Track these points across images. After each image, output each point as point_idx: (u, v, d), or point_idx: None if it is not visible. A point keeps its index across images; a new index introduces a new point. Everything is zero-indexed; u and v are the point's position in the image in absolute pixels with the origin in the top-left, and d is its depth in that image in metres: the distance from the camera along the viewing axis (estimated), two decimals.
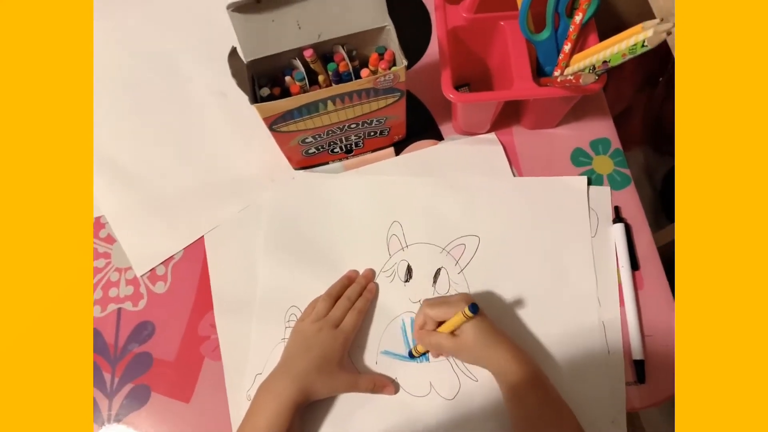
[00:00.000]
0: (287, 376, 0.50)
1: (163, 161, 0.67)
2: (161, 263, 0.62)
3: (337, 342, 0.52)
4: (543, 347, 0.55)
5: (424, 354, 0.55)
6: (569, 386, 0.52)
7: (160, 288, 0.61)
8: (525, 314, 0.56)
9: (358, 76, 0.53)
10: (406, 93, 0.56)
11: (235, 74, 0.47)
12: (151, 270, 0.61)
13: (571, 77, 0.51)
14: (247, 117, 0.68)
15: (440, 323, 0.51)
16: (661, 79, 0.96)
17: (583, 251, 0.58)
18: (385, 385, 0.54)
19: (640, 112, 1.02)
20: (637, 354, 0.54)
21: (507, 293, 0.57)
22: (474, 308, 0.46)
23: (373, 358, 0.56)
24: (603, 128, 0.66)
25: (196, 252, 0.62)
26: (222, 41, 0.49)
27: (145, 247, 0.62)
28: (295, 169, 0.66)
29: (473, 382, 0.54)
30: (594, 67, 0.51)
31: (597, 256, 0.58)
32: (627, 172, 0.63)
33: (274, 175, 0.65)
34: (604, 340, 0.55)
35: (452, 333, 0.50)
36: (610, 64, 0.49)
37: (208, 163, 0.67)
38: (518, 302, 0.57)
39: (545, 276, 0.58)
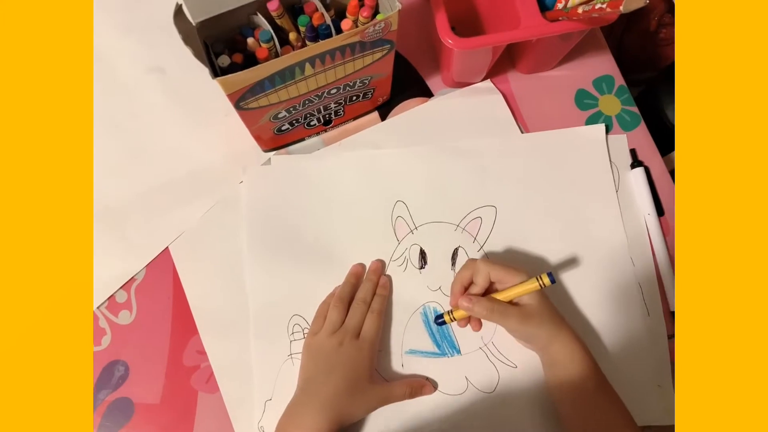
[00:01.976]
0: (314, 406, 0.42)
1: (103, 165, 0.54)
2: (121, 288, 0.50)
3: (363, 354, 0.44)
4: (578, 317, 0.50)
5: (444, 324, 0.48)
6: (609, 356, 0.48)
7: (124, 318, 0.50)
8: (555, 286, 0.50)
9: (338, 30, 0.43)
10: (395, 44, 0.46)
11: (187, 40, 0.36)
12: (108, 299, 0.50)
13: (601, 5, 0.43)
14: (196, 94, 0.57)
15: (484, 292, 0.46)
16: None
17: (609, 209, 0.53)
18: (422, 385, 0.47)
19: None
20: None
21: (534, 266, 0.51)
22: (553, 277, 0.42)
23: (398, 361, 0.48)
24: (604, 65, 0.60)
25: (162, 268, 0.51)
26: (144, 3, 0.37)
27: (98, 271, 0.51)
28: (265, 151, 0.55)
29: (512, 370, 0.48)
30: None
31: (624, 212, 0.53)
32: (635, 110, 0.58)
33: (241, 162, 0.54)
34: (642, 303, 0.50)
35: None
36: None
37: (157, 158, 0.55)
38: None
39: (572, 241, 0.52)
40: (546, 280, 0.42)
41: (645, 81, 0.95)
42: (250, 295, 0.49)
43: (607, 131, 0.56)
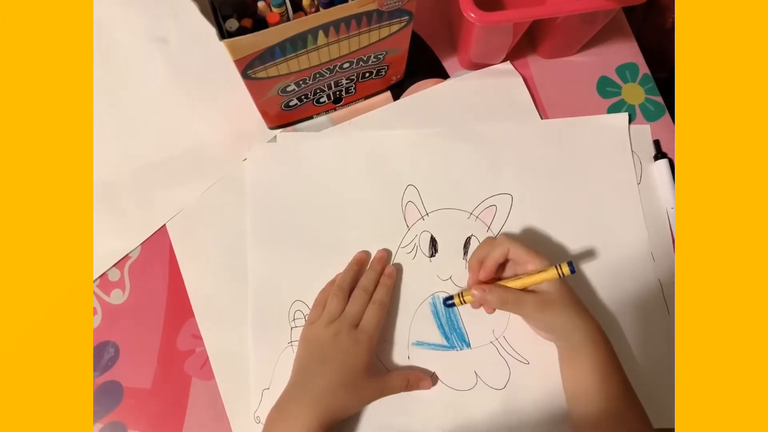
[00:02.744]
0: (306, 399, 0.39)
1: (100, 138, 0.51)
2: (114, 266, 0.48)
3: (360, 346, 0.42)
4: (595, 313, 0.47)
5: (453, 305, 0.45)
6: (626, 354, 0.46)
7: (117, 298, 0.47)
8: (572, 280, 0.48)
9: None
10: (414, 16, 0.43)
11: None
12: (101, 276, 0.48)
13: None
14: (200, 67, 0.54)
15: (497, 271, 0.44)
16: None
17: (630, 201, 0.50)
18: (420, 378, 0.44)
19: None
20: None
21: (550, 258, 0.48)
22: (573, 267, 0.39)
23: (404, 353, 0.46)
24: (628, 52, 0.57)
25: (158, 246, 0.48)
26: None
27: None
28: (271, 128, 0.53)
29: (524, 366, 0.46)
30: None
31: (645, 205, 0.50)
32: (659, 99, 0.55)
33: (245, 140, 0.52)
34: (662, 300, 0.48)
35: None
36: None
37: (157, 132, 0.52)
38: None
39: (591, 234, 0.49)
40: (566, 269, 0.39)
41: (658, 78, 0.92)
42: (251, 278, 0.47)
43: (630, 121, 0.54)
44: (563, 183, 0.50)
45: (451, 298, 0.45)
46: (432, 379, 0.45)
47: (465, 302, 0.44)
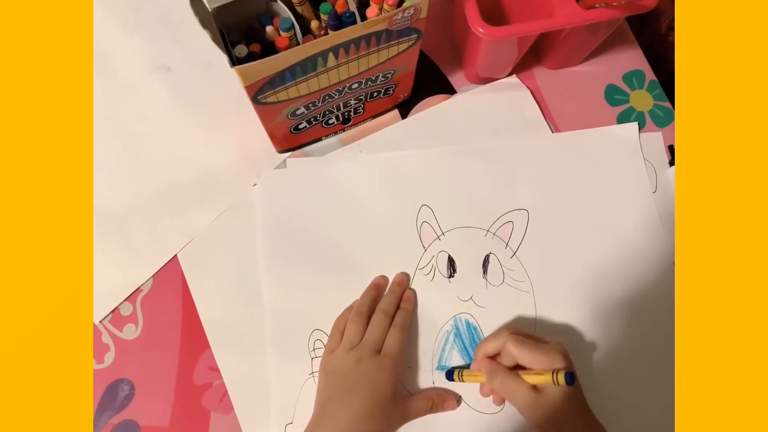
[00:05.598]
0: (333, 431, 0.38)
1: (106, 168, 0.50)
2: (126, 300, 0.47)
3: (385, 371, 0.40)
4: (614, 325, 0.46)
5: (452, 380, 0.44)
6: (646, 369, 0.45)
7: (130, 333, 0.46)
8: (595, 294, 0.47)
9: (363, 18, 0.40)
10: (422, 35, 0.43)
11: (204, 23, 0.33)
12: (113, 311, 0.46)
13: None
14: (205, 94, 0.54)
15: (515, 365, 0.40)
16: None
17: (648, 212, 0.49)
18: (444, 399, 0.43)
19: None
20: None
21: (570, 274, 0.47)
22: (570, 378, 0.36)
23: (429, 378, 0.45)
24: (633, 59, 0.57)
25: (170, 278, 0.47)
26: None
27: (100, 282, 0.47)
28: (280, 152, 0.52)
29: None
30: None
31: (662, 214, 0.50)
32: (668, 105, 0.55)
33: (253, 164, 0.51)
34: None
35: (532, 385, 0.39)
36: None
37: (164, 160, 0.51)
38: (585, 283, 0.47)
39: (609, 246, 0.48)
40: (561, 379, 0.36)
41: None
42: (267, 309, 0.46)
43: (641, 128, 0.53)
44: (578, 196, 0.50)
45: (452, 372, 0.44)
46: (457, 400, 0.44)
47: (463, 380, 0.43)
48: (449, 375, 0.44)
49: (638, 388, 0.45)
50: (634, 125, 0.53)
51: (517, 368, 0.40)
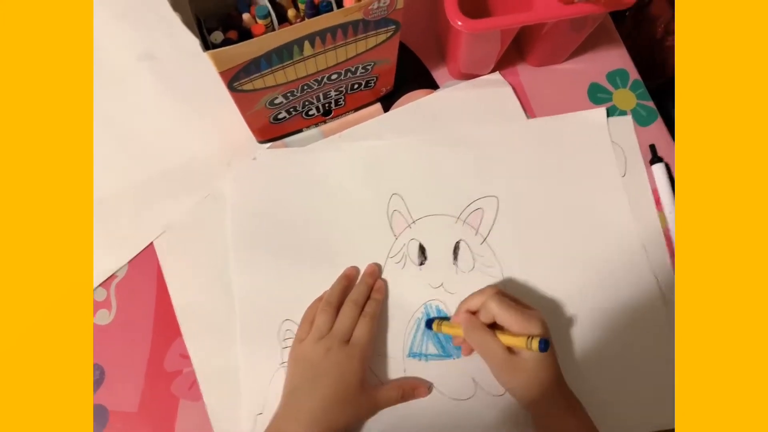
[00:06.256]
0: (301, 420, 0.38)
1: None
2: (100, 285, 0.47)
3: (353, 361, 0.40)
4: (590, 308, 0.47)
5: (431, 329, 0.45)
6: (626, 350, 0.46)
7: (103, 318, 0.46)
8: (566, 279, 0.47)
9: (340, 6, 0.40)
10: (401, 26, 0.43)
11: (177, 7, 0.33)
12: None
13: None
14: (189, 83, 0.54)
15: (493, 323, 0.41)
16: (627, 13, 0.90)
17: (616, 195, 0.50)
18: (414, 387, 0.43)
19: None
20: None
21: (541, 259, 0.48)
22: (545, 345, 0.36)
23: (400, 366, 0.45)
24: (617, 58, 0.57)
25: (145, 265, 0.47)
26: None
27: None
28: (260, 142, 0.52)
29: None
30: None
31: (632, 198, 0.50)
32: (651, 104, 0.55)
33: (235, 154, 0.51)
34: (659, 291, 0.47)
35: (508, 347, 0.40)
36: None
37: (144, 148, 0.51)
38: (556, 267, 0.48)
39: (579, 229, 0.49)
40: (535, 345, 0.37)
41: (651, 89, 0.93)
42: (237, 299, 0.46)
43: (609, 115, 0.53)
44: (548, 181, 0.50)
45: (432, 321, 0.44)
46: (428, 387, 0.44)
47: (441, 330, 0.44)
48: (429, 324, 0.45)
49: (610, 368, 0.45)
50: (602, 110, 0.53)
51: (494, 327, 0.41)
